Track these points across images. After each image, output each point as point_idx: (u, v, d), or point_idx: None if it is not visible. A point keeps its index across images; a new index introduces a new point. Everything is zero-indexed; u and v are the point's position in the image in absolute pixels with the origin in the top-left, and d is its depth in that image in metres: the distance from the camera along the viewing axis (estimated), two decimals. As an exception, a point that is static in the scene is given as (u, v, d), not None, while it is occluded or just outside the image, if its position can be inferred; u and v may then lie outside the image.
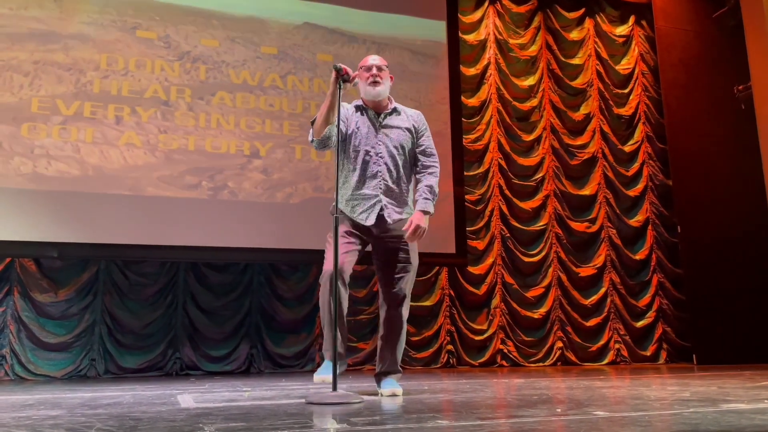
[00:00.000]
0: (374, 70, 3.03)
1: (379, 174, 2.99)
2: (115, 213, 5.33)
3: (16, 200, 5.13)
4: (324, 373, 2.81)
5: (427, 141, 3.14)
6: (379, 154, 3.01)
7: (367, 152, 3.02)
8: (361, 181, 3.01)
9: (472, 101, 6.92)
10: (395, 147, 3.04)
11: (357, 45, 6.37)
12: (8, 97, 5.27)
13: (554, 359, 6.58)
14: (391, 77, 3.12)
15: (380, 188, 2.99)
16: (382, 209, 2.97)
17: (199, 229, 5.51)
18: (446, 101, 6.61)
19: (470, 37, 7.03)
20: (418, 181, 3.11)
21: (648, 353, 6.89)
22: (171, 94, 5.71)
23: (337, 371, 2.72)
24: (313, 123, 3.07)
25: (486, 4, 7.17)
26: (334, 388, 2.63)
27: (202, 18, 5.93)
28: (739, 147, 6.98)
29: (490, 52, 7.08)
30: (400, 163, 3.04)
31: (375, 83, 3.02)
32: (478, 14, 7.13)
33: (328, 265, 2.84)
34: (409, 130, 3.09)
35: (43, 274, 5.39)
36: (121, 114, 5.53)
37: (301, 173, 5.94)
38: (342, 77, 2.90)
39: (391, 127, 3.07)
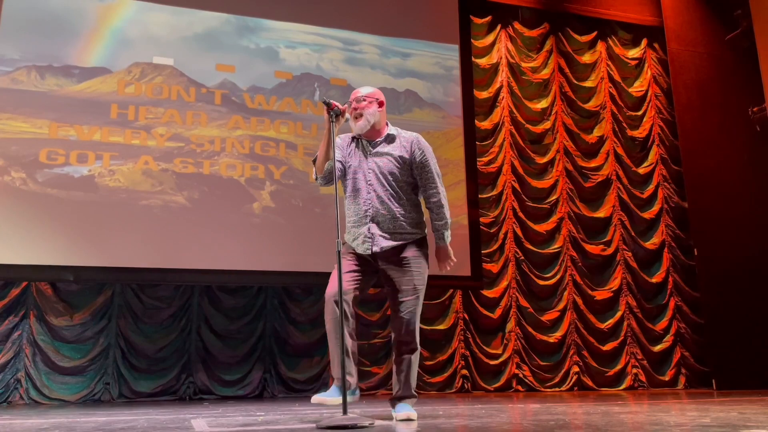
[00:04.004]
0: (353, 104, 3.05)
1: (368, 202, 3.00)
2: (131, 237, 5.38)
3: (33, 225, 5.19)
4: (325, 396, 2.76)
5: (427, 166, 3.08)
6: (369, 182, 3.02)
7: (357, 180, 3.04)
8: (353, 211, 3.04)
9: (485, 124, 6.93)
10: (383, 174, 3.02)
11: (370, 70, 6.44)
12: (27, 126, 5.36)
13: (570, 384, 6.49)
14: (380, 102, 3.10)
15: (369, 216, 2.99)
16: (370, 238, 2.97)
17: (213, 252, 5.54)
18: (459, 124, 6.64)
19: (482, 61, 7.08)
20: (430, 214, 3.11)
21: (666, 378, 6.78)
22: (187, 119, 5.79)
23: (347, 400, 2.65)
24: (314, 162, 3.10)
25: (498, 28, 7.23)
26: (345, 412, 2.60)
27: (217, 45, 6.03)
28: (754, 168, 6.94)
29: (503, 76, 7.11)
30: (390, 190, 3.02)
31: (355, 118, 3.04)
32: (490, 38, 7.18)
33: (330, 288, 2.88)
34: (401, 156, 3.06)
35: (59, 298, 5.43)
36: (138, 139, 5.60)
37: (314, 197, 5.97)
38: (333, 111, 2.92)
39: (382, 154, 3.06)
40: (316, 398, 2.76)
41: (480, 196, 6.64)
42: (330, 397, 2.74)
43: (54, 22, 5.60)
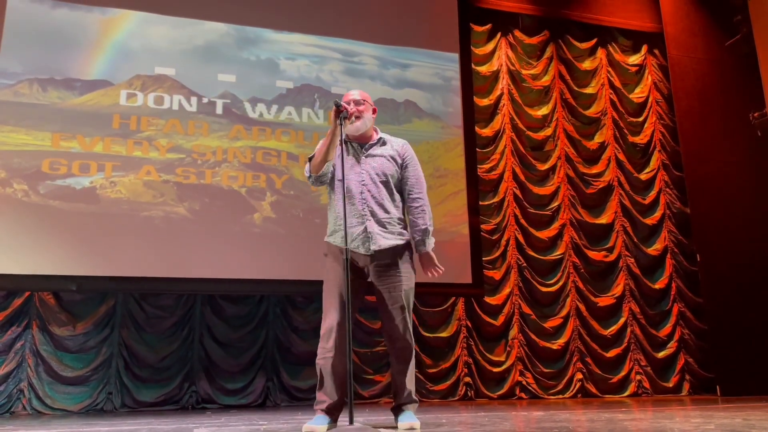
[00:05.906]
0: (352, 105, 3.07)
1: (364, 202, 3.01)
2: (133, 247, 5.39)
3: (36, 235, 5.21)
4: (315, 424, 2.79)
5: (413, 172, 3.14)
6: (363, 182, 3.04)
7: (350, 182, 3.04)
8: (349, 212, 3.03)
9: (486, 131, 6.95)
10: (377, 174, 3.06)
11: (369, 81, 6.46)
12: (29, 139, 5.39)
13: (574, 391, 6.47)
14: (374, 109, 3.16)
15: (365, 215, 3.00)
16: (369, 236, 2.98)
17: (215, 261, 5.55)
18: (459, 134, 6.64)
19: (483, 69, 7.10)
20: (411, 220, 3.13)
21: (670, 384, 6.75)
22: (188, 128, 5.81)
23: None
24: (311, 159, 3.11)
25: (498, 35, 7.25)
26: (351, 422, 2.61)
27: (218, 56, 6.05)
28: (756, 173, 6.94)
29: (503, 83, 7.13)
30: (384, 189, 3.05)
31: (355, 118, 3.06)
32: (490, 46, 7.20)
33: (330, 321, 2.95)
34: (393, 158, 3.11)
35: (61, 308, 5.43)
36: (140, 149, 5.63)
37: (314, 208, 5.98)
38: (342, 114, 2.95)
39: (375, 155, 3.10)
40: (307, 427, 2.79)
41: (481, 203, 6.64)
42: (320, 425, 2.77)
43: (56, 35, 5.64)
